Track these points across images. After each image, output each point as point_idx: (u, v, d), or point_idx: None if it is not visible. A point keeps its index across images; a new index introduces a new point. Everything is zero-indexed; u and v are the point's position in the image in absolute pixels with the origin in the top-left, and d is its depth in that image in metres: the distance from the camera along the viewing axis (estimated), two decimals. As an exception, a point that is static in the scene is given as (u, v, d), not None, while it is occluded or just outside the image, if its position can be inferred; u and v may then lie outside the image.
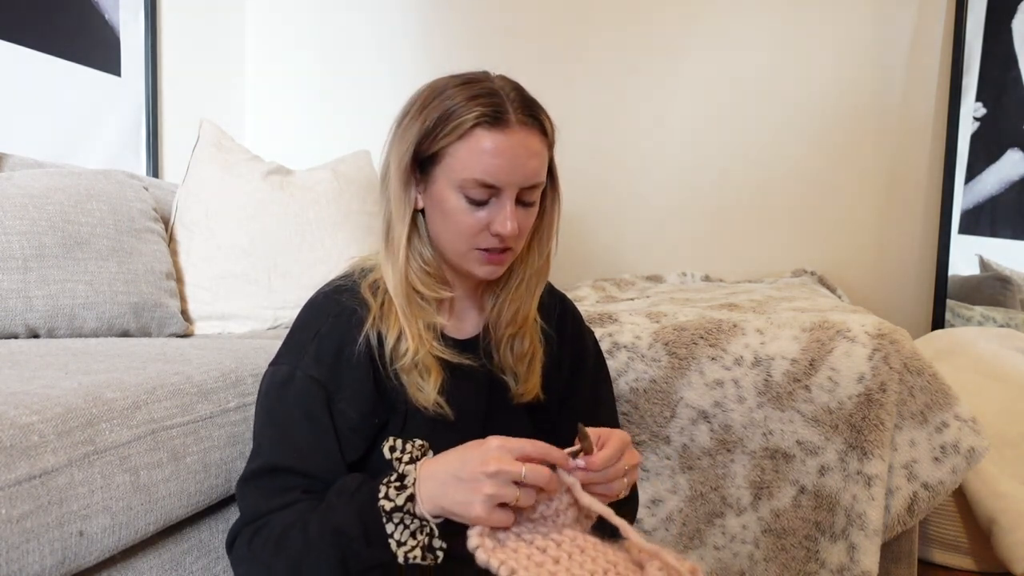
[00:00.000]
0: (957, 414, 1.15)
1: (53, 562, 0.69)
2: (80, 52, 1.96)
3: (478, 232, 0.83)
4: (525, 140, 0.81)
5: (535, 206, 0.86)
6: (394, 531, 0.72)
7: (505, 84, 0.84)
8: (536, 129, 0.83)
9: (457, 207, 0.82)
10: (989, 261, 2.11)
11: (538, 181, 0.83)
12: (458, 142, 0.80)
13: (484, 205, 0.82)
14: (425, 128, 0.82)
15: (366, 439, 0.85)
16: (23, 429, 0.70)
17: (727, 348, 1.21)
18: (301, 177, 1.73)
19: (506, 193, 0.81)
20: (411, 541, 0.72)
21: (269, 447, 0.82)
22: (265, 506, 0.79)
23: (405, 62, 2.49)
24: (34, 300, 1.24)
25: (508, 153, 0.80)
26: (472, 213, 0.82)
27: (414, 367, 0.84)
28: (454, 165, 0.81)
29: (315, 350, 0.84)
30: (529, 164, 0.81)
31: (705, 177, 2.32)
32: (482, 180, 0.80)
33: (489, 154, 0.79)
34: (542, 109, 0.85)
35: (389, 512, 0.72)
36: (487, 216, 0.82)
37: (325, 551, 0.74)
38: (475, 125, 0.80)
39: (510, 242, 0.84)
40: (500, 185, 0.80)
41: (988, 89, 2.08)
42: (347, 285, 0.89)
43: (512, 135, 0.80)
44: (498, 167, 0.80)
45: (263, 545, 0.77)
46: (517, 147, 0.80)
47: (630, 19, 2.34)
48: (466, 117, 0.80)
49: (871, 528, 1.12)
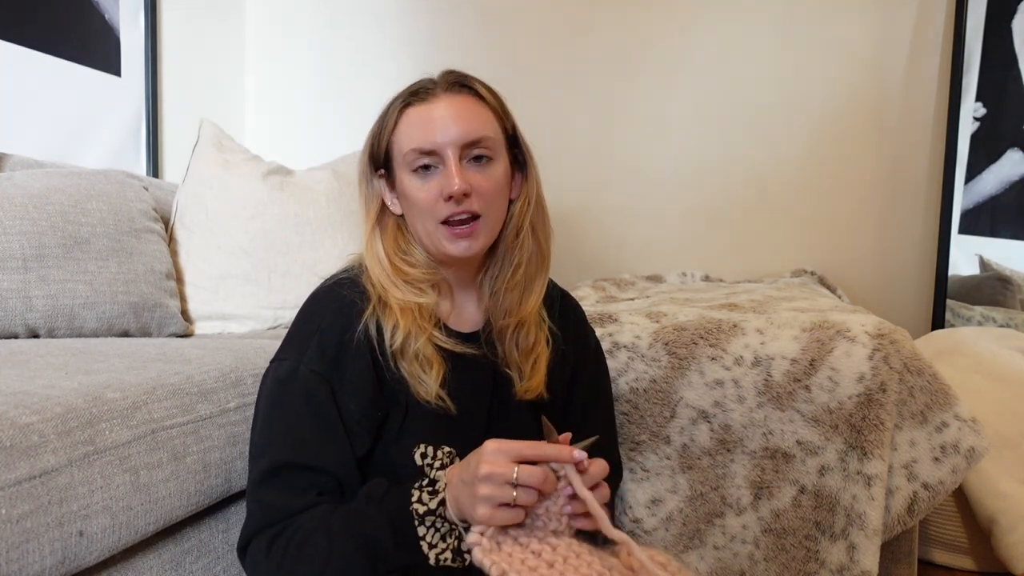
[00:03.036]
0: (957, 414, 1.15)
1: (53, 562, 0.69)
2: (80, 52, 1.96)
3: (434, 202, 0.85)
4: (452, 102, 0.86)
5: (492, 165, 0.87)
6: (425, 534, 0.73)
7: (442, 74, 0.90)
8: (466, 93, 0.87)
9: (412, 185, 0.86)
10: (989, 261, 2.11)
11: (477, 136, 0.85)
12: (395, 131, 0.87)
13: (431, 172, 0.85)
14: (373, 131, 0.90)
15: (370, 432, 0.85)
16: (23, 429, 0.70)
17: (727, 348, 1.21)
18: (301, 177, 1.73)
19: (447, 154, 0.84)
20: (442, 544, 0.73)
21: (278, 445, 0.81)
22: (282, 507, 0.79)
23: (405, 62, 2.49)
24: (34, 300, 1.24)
25: (435, 116, 0.85)
26: (424, 185, 0.85)
27: (415, 357, 0.84)
28: (398, 151, 0.87)
29: (318, 344, 0.84)
30: (460, 120, 0.85)
31: (705, 177, 2.32)
32: (418, 147, 0.84)
33: (418, 124, 0.85)
34: (475, 79, 0.89)
35: (422, 515, 0.74)
36: (437, 184, 0.85)
37: (352, 555, 0.74)
38: (404, 106, 0.87)
39: (469, 204, 0.84)
40: (436, 148, 0.84)
41: (988, 89, 2.08)
42: (348, 278, 0.90)
43: (436, 102, 0.86)
44: (427, 131, 0.84)
45: (284, 551, 0.76)
46: (444, 109, 0.85)
47: (630, 19, 2.34)
48: (395, 106, 0.87)
49: (871, 528, 1.12)
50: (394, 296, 0.85)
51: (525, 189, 0.92)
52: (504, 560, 0.68)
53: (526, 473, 0.69)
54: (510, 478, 0.68)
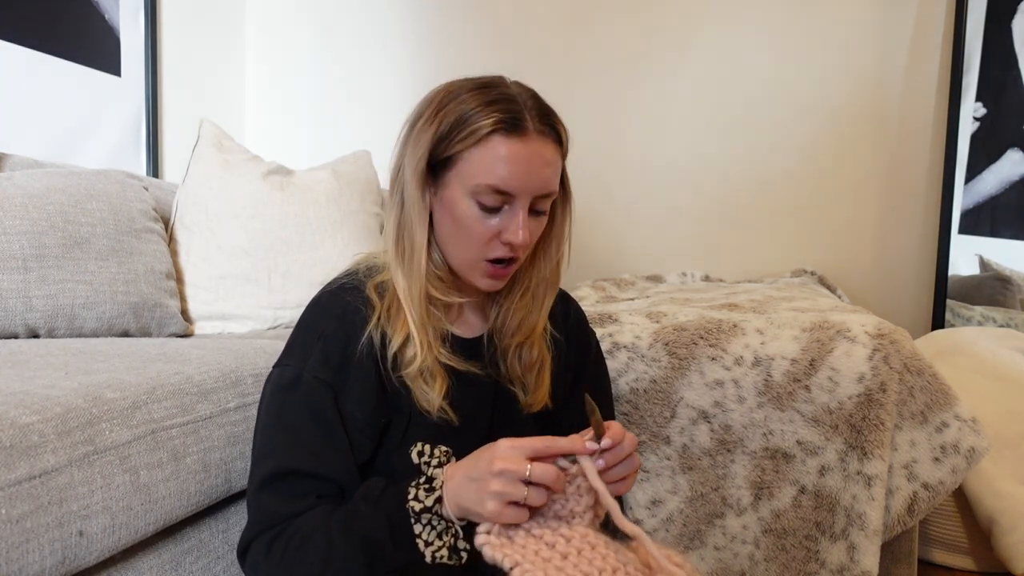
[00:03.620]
0: (957, 414, 1.15)
1: (53, 562, 0.69)
2: (80, 52, 1.96)
3: (489, 240, 0.82)
4: (541, 148, 0.81)
5: (546, 215, 0.86)
6: (422, 531, 0.73)
7: (522, 91, 0.84)
8: (552, 138, 0.82)
9: (469, 214, 0.82)
10: (989, 261, 2.11)
11: (551, 190, 0.83)
12: (474, 148, 0.80)
13: (496, 212, 0.82)
14: (440, 132, 0.81)
15: (372, 440, 0.85)
16: (23, 429, 0.70)
17: (727, 348, 1.21)
18: (301, 177, 1.73)
19: (519, 201, 0.81)
20: (438, 541, 0.73)
21: (280, 450, 0.81)
22: (282, 511, 0.79)
23: (405, 62, 2.48)
24: (34, 300, 1.24)
25: (524, 161, 0.79)
26: (484, 220, 0.82)
27: (419, 374, 0.84)
28: (469, 171, 0.81)
29: (321, 351, 0.83)
30: (544, 172, 0.81)
31: (705, 177, 2.32)
32: (497, 187, 0.80)
33: (505, 161, 0.79)
34: (558, 118, 0.84)
35: (418, 513, 0.73)
36: (499, 224, 0.82)
37: (351, 554, 0.74)
38: (492, 131, 0.79)
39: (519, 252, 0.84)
40: (514, 193, 0.80)
41: (988, 89, 2.08)
42: (352, 284, 0.89)
43: (529, 143, 0.80)
44: (513, 174, 0.79)
45: (283, 551, 0.76)
46: (533, 155, 0.80)
47: (631, 19, 2.34)
48: (483, 123, 0.79)
49: (871, 528, 1.12)
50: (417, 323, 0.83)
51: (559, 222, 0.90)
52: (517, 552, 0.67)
53: (540, 471, 0.68)
54: (523, 475, 0.68)
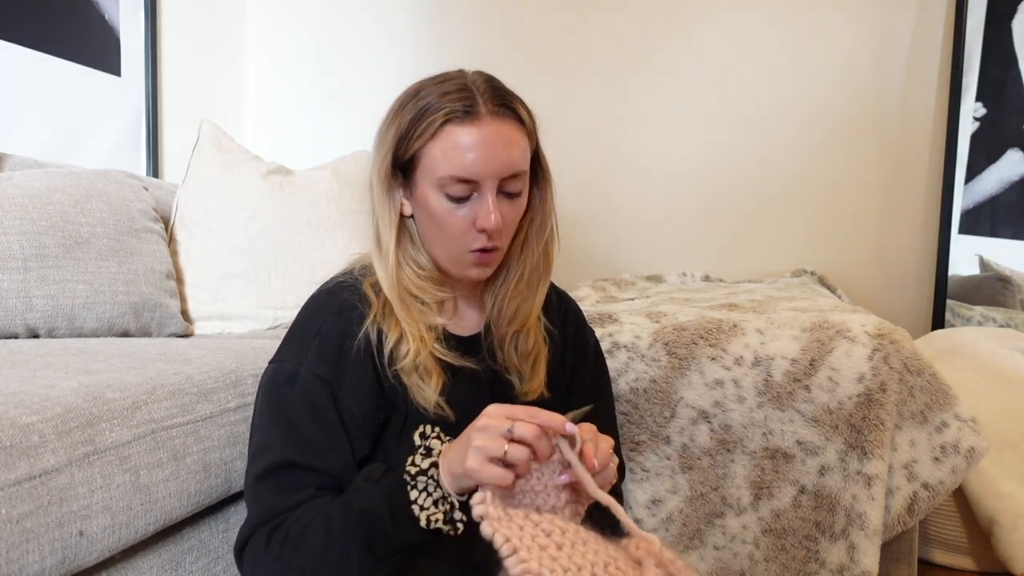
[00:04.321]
0: (957, 414, 1.15)
1: (53, 562, 0.69)
2: (80, 52, 1.96)
3: (466, 231, 0.83)
4: (498, 130, 0.80)
5: (520, 197, 0.85)
6: (418, 497, 0.73)
7: (477, 78, 0.84)
8: (510, 117, 0.82)
9: (440, 208, 0.82)
10: (989, 261, 2.11)
11: (518, 170, 0.83)
12: (431, 142, 0.81)
13: (466, 201, 0.82)
14: (400, 132, 0.83)
15: (370, 435, 0.85)
16: (23, 429, 0.70)
17: (727, 348, 1.21)
18: (301, 177, 1.73)
19: (485, 186, 0.81)
20: (433, 508, 0.73)
21: (279, 445, 0.81)
22: (282, 504, 0.79)
23: (405, 62, 2.49)
24: (34, 300, 1.24)
25: (482, 145, 0.79)
26: (455, 212, 0.82)
27: (414, 369, 0.84)
28: (431, 165, 0.81)
29: (318, 347, 0.84)
30: (505, 153, 0.80)
31: (705, 177, 2.32)
32: (459, 175, 0.80)
33: (462, 149, 0.79)
34: (516, 98, 0.84)
35: (414, 476, 0.74)
36: (471, 213, 0.82)
37: (351, 534, 0.74)
38: (445, 122, 0.80)
39: (496, 237, 0.83)
40: (477, 179, 0.80)
41: (988, 89, 2.08)
42: (348, 282, 0.89)
43: (483, 126, 0.80)
44: (473, 160, 0.80)
45: (283, 542, 0.77)
46: (490, 138, 0.80)
47: (630, 19, 2.34)
48: (436, 116, 0.80)
49: (871, 528, 1.12)
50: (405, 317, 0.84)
51: (540, 204, 0.90)
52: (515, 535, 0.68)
53: (521, 427, 0.69)
54: (504, 430, 0.68)
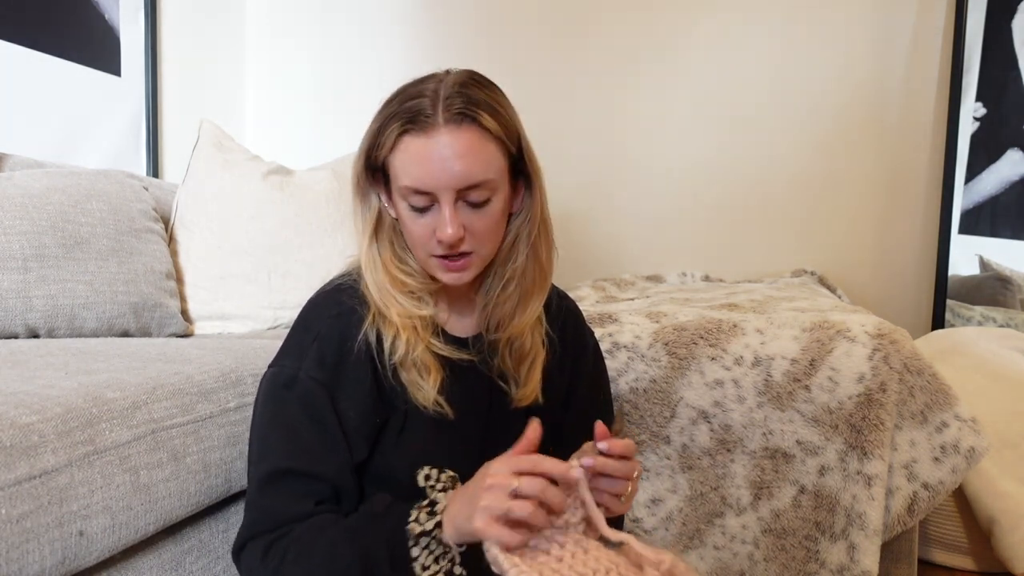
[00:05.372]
0: (957, 414, 1.15)
1: (53, 562, 0.69)
2: (80, 52, 1.96)
3: (427, 239, 0.82)
4: (451, 141, 0.78)
5: (487, 205, 0.82)
6: (419, 555, 0.73)
7: (451, 81, 0.81)
8: (467, 126, 0.79)
9: (405, 215, 0.82)
10: (989, 261, 2.11)
11: (475, 181, 0.79)
12: (391, 154, 0.81)
13: (427, 211, 0.81)
14: (369, 141, 0.83)
15: (368, 439, 0.85)
16: (23, 429, 0.70)
17: (727, 348, 1.21)
18: (301, 177, 1.73)
19: (442, 197, 0.79)
20: (434, 566, 0.73)
21: (278, 451, 0.81)
22: (280, 511, 0.79)
23: (405, 62, 2.49)
24: (34, 300, 1.24)
25: (432, 157, 0.78)
26: (417, 220, 0.81)
27: (412, 365, 0.84)
28: (394, 175, 0.82)
29: (317, 352, 0.83)
30: (456, 166, 0.78)
31: (705, 177, 2.32)
32: (414, 187, 0.79)
33: (414, 161, 0.78)
34: (483, 103, 0.80)
35: (417, 536, 0.73)
36: (431, 222, 0.81)
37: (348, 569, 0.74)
38: (402, 133, 0.79)
39: (462, 246, 0.81)
40: (431, 190, 0.79)
41: (988, 89, 2.08)
42: (347, 284, 0.89)
43: (435, 137, 0.78)
44: (424, 173, 0.78)
45: (281, 559, 0.76)
46: (442, 149, 0.78)
47: (630, 19, 2.34)
48: (393, 127, 0.80)
49: (871, 528, 1.12)
50: (395, 310, 0.84)
51: (528, 204, 0.88)
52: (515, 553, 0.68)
53: (526, 483, 0.68)
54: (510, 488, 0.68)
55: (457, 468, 0.81)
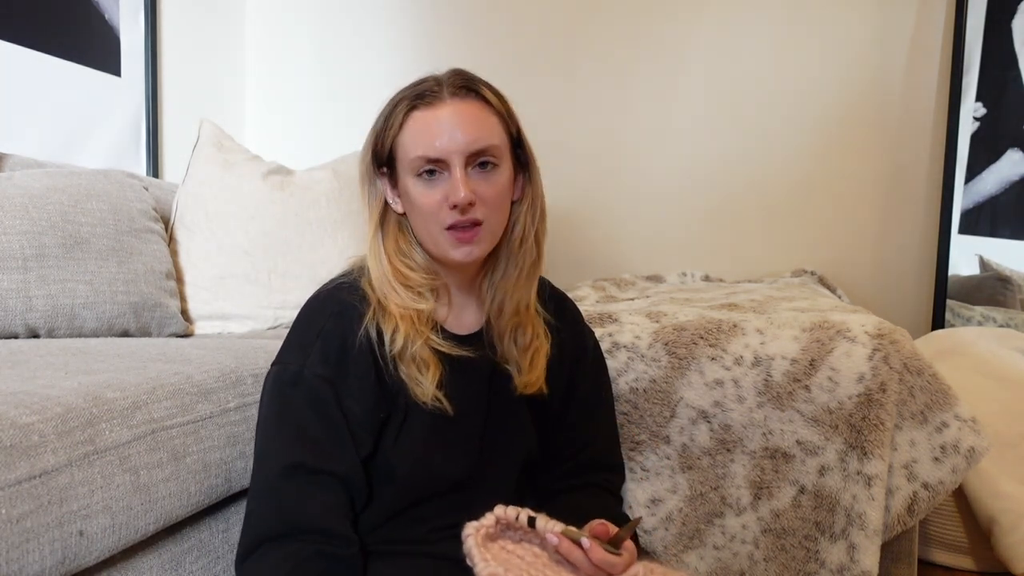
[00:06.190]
0: (957, 414, 1.15)
1: (53, 562, 0.69)
2: (80, 52, 1.96)
3: (439, 208, 0.85)
4: (459, 108, 0.85)
5: (496, 172, 0.87)
6: None
7: (447, 71, 0.88)
8: (472, 98, 0.86)
9: (416, 191, 0.85)
10: (989, 261, 2.11)
11: (484, 144, 0.85)
12: (400, 134, 0.86)
13: (437, 181, 0.85)
14: (377, 129, 0.88)
15: (372, 434, 0.85)
16: (23, 429, 0.70)
17: (727, 348, 1.21)
18: (301, 177, 1.73)
19: (453, 161, 0.83)
20: None
21: (287, 447, 0.81)
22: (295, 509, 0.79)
23: (405, 62, 2.49)
24: (34, 300, 1.24)
25: (443, 123, 0.84)
26: (429, 191, 0.85)
27: (412, 360, 0.85)
28: (403, 154, 0.86)
29: (320, 348, 0.84)
30: (467, 129, 0.84)
31: (705, 177, 2.32)
32: (424, 155, 0.83)
33: (423, 131, 0.84)
34: (482, 82, 0.88)
35: None
36: (443, 190, 0.84)
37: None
38: (411, 109, 0.85)
39: (473, 212, 0.84)
40: (443, 156, 0.83)
41: (988, 89, 2.08)
42: (348, 282, 0.90)
43: (443, 107, 0.84)
44: (435, 138, 0.83)
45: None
46: (452, 116, 0.84)
47: (630, 19, 2.34)
48: (399, 108, 0.86)
49: (871, 528, 1.12)
50: (393, 301, 0.85)
51: (529, 191, 0.91)
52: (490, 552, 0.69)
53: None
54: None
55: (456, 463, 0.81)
